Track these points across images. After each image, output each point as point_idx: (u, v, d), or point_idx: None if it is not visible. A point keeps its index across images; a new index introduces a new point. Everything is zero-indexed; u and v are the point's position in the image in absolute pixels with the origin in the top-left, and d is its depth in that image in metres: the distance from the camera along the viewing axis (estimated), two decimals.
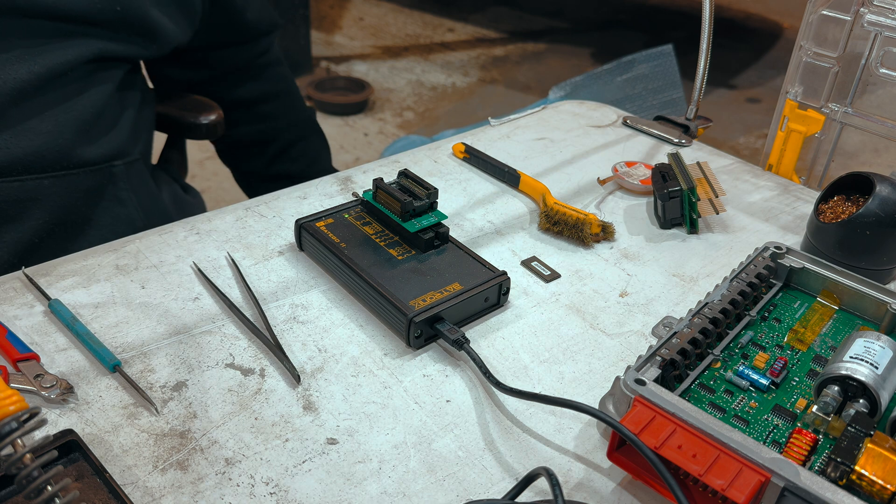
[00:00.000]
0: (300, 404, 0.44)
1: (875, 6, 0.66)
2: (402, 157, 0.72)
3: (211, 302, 0.51)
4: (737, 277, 0.50)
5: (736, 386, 0.45)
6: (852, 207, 0.56)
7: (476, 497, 0.39)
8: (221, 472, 0.40)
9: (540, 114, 0.83)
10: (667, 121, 0.81)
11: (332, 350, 0.48)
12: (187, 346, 0.47)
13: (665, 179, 0.63)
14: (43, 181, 0.64)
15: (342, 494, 0.39)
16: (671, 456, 0.37)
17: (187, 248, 0.56)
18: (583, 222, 0.60)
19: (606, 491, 0.40)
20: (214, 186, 1.89)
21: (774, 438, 0.42)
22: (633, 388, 0.40)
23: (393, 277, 0.51)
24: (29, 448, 0.32)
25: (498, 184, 0.69)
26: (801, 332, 0.49)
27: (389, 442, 0.42)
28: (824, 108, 0.72)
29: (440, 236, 0.54)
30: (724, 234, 0.63)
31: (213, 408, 0.43)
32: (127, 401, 0.43)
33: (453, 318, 0.49)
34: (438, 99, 2.49)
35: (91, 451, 0.39)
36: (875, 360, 0.42)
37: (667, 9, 3.23)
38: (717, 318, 0.47)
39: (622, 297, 0.55)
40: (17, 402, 0.33)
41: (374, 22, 3.08)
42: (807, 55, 0.71)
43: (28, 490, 0.31)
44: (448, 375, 0.47)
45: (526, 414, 0.44)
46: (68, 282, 0.52)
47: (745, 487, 0.35)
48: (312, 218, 0.56)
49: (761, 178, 0.73)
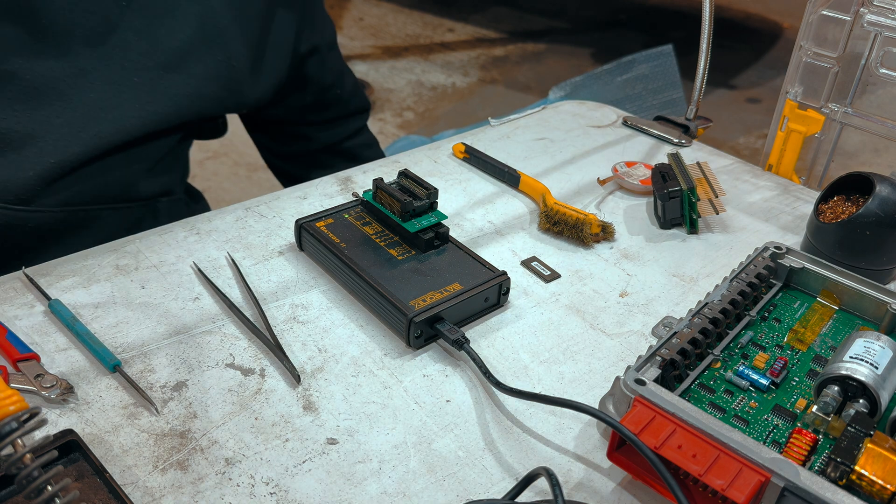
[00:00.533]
0: (300, 404, 0.44)
1: (875, 6, 0.66)
2: (402, 157, 0.72)
3: (211, 302, 0.51)
4: (737, 277, 0.50)
5: (736, 386, 0.45)
6: (852, 207, 0.56)
7: (476, 497, 0.39)
8: (221, 472, 0.40)
9: (540, 114, 0.83)
10: (667, 121, 0.81)
11: (332, 350, 0.48)
12: (187, 346, 0.47)
13: (665, 179, 0.63)
14: (102, 211, 0.66)
15: (342, 494, 0.39)
16: (671, 456, 0.37)
17: (187, 248, 0.56)
18: (583, 222, 0.60)
19: (606, 491, 0.40)
20: (214, 186, 1.89)
21: (774, 438, 0.42)
22: (633, 388, 0.40)
23: (393, 277, 0.51)
24: (29, 448, 0.32)
25: (498, 184, 0.69)
26: (801, 332, 0.49)
27: (389, 442, 0.42)
28: (824, 108, 0.72)
29: (440, 236, 0.54)
30: (724, 234, 0.63)
31: (214, 408, 0.43)
32: (127, 401, 0.43)
33: (453, 318, 0.49)
34: (438, 99, 2.49)
35: (91, 451, 0.39)
36: (875, 360, 0.42)
37: (667, 9, 3.23)
38: (717, 318, 0.47)
39: (622, 297, 0.55)
40: (17, 402, 0.32)
41: (374, 22, 3.08)
42: (807, 55, 0.71)
43: (28, 490, 0.31)
44: (448, 375, 0.47)
45: (526, 414, 0.44)
46: (68, 282, 0.52)
47: (745, 487, 0.35)
48: (312, 218, 0.56)
49: (761, 178, 0.73)
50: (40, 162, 0.60)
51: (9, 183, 0.60)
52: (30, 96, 0.60)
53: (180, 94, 0.67)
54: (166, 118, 0.66)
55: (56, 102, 0.60)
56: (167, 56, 0.65)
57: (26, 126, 0.60)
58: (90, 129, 0.62)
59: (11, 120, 0.59)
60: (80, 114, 0.62)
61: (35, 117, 0.60)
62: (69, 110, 0.61)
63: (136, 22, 0.63)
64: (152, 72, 0.65)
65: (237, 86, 0.71)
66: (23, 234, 0.62)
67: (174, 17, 0.65)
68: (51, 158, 0.61)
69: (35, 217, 0.61)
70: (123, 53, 0.63)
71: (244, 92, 0.73)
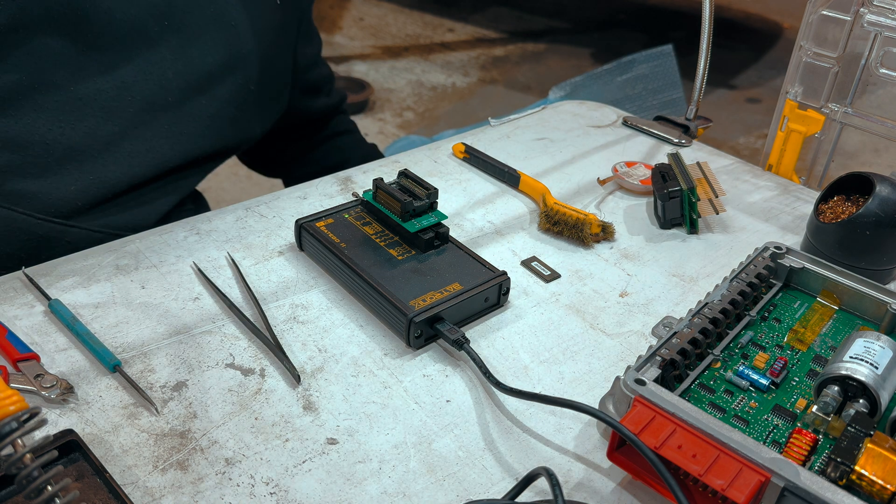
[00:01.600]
0: (300, 404, 0.44)
1: (875, 6, 0.66)
2: (402, 157, 0.72)
3: (211, 302, 0.51)
4: (737, 277, 0.50)
5: (736, 386, 0.45)
6: (852, 207, 0.56)
7: (476, 497, 0.39)
8: (221, 472, 0.40)
9: (540, 114, 0.83)
10: (667, 121, 0.81)
11: (332, 350, 0.48)
12: (187, 346, 0.47)
13: (665, 179, 0.63)
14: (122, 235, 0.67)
15: (342, 494, 0.39)
16: (671, 456, 0.37)
17: (187, 248, 0.56)
18: (583, 222, 0.60)
19: (606, 491, 0.40)
20: (214, 186, 1.89)
21: (774, 438, 0.42)
22: (633, 388, 0.40)
23: (393, 277, 0.51)
24: (29, 448, 0.32)
25: (498, 184, 0.69)
26: (801, 332, 0.49)
27: (389, 442, 0.42)
28: (824, 108, 0.72)
29: (440, 236, 0.54)
30: (724, 234, 0.63)
31: (213, 408, 0.43)
32: (127, 401, 0.43)
33: (453, 318, 0.49)
34: (438, 99, 2.49)
35: (91, 451, 0.39)
36: (875, 360, 0.42)
37: (667, 9, 3.23)
38: (717, 318, 0.47)
39: (622, 297, 0.55)
40: (17, 402, 0.33)
41: (374, 22, 3.08)
42: (807, 55, 0.71)
43: (28, 490, 0.31)
44: (448, 375, 0.47)
45: (526, 414, 0.44)
46: (68, 282, 0.52)
47: (745, 487, 0.35)
48: (312, 218, 0.56)
49: (761, 178, 0.73)
50: (81, 178, 0.62)
51: (50, 196, 0.61)
52: (74, 108, 0.61)
53: (203, 115, 0.68)
54: (190, 139, 0.67)
55: (98, 114, 0.62)
56: (198, 78, 0.67)
57: (70, 138, 0.61)
58: (125, 147, 0.64)
59: (56, 132, 0.60)
60: (118, 129, 0.63)
61: (78, 129, 0.61)
62: (109, 125, 0.62)
63: (172, 41, 0.65)
64: (184, 92, 0.66)
65: (252, 108, 0.73)
66: (60, 248, 0.62)
67: (205, 41, 0.67)
68: (90, 175, 0.62)
69: (73, 232, 0.62)
70: (161, 71, 0.64)
71: (257, 114, 0.74)
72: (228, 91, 0.69)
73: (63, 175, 0.61)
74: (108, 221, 0.65)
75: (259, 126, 0.76)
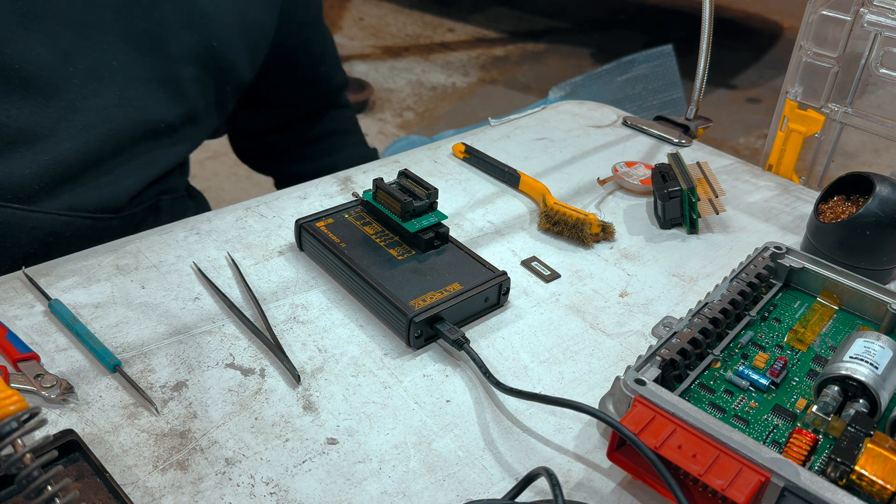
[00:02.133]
0: (300, 404, 0.44)
1: (875, 6, 0.66)
2: (402, 157, 0.72)
3: (211, 302, 0.51)
4: (737, 277, 0.50)
5: (736, 386, 0.45)
6: (852, 207, 0.56)
7: (476, 497, 0.39)
8: (221, 472, 0.40)
9: (540, 114, 0.83)
10: (667, 121, 0.81)
11: (332, 350, 0.48)
12: (187, 346, 0.47)
13: (665, 179, 0.63)
14: (111, 222, 0.66)
15: (342, 494, 0.39)
16: (671, 456, 0.37)
17: (187, 248, 0.56)
18: (583, 222, 0.60)
19: (606, 491, 0.40)
20: (214, 186, 1.89)
21: (774, 438, 0.42)
22: (633, 388, 0.40)
23: (393, 277, 0.51)
24: (29, 448, 0.32)
25: (498, 184, 0.69)
26: (801, 332, 0.49)
27: (389, 442, 0.42)
28: (824, 108, 0.72)
29: (440, 236, 0.54)
30: (724, 234, 0.63)
31: (213, 408, 0.43)
32: (127, 401, 0.43)
33: (453, 318, 0.49)
34: (438, 99, 2.49)
35: (91, 451, 0.39)
36: (875, 360, 0.42)
37: (667, 9, 3.23)
38: (717, 318, 0.47)
39: (622, 297, 0.55)
40: (17, 402, 0.33)
41: (374, 22, 3.08)
42: (807, 55, 0.71)
43: (28, 490, 0.31)
44: (448, 375, 0.47)
45: (526, 414, 0.44)
46: (68, 282, 0.52)
47: (745, 487, 0.35)
48: (312, 218, 0.56)
49: (761, 178, 0.73)
50: (35, 160, 0.60)
51: (5, 181, 0.59)
52: (20, 86, 0.59)
53: (156, 77, 0.65)
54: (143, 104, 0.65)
55: (45, 91, 0.59)
56: (143, 38, 0.64)
57: (17, 120, 0.59)
58: (77, 121, 0.61)
59: (2, 114, 0.58)
60: (66, 103, 0.61)
61: (25, 109, 0.59)
62: (56, 99, 0.60)
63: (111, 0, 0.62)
64: (128, 54, 0.63)
65: (214, 71, 0.70)
66: (24, 235, 0.61)
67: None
68: (44, 156, 0.60)
69: (35, 217, 0.61)
70: (101, 35, 0.62)
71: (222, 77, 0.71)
72: (183, 50, 0.66)
73: (16, 159, 0.59)
74: (72, 203, 0.63)
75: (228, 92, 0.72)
